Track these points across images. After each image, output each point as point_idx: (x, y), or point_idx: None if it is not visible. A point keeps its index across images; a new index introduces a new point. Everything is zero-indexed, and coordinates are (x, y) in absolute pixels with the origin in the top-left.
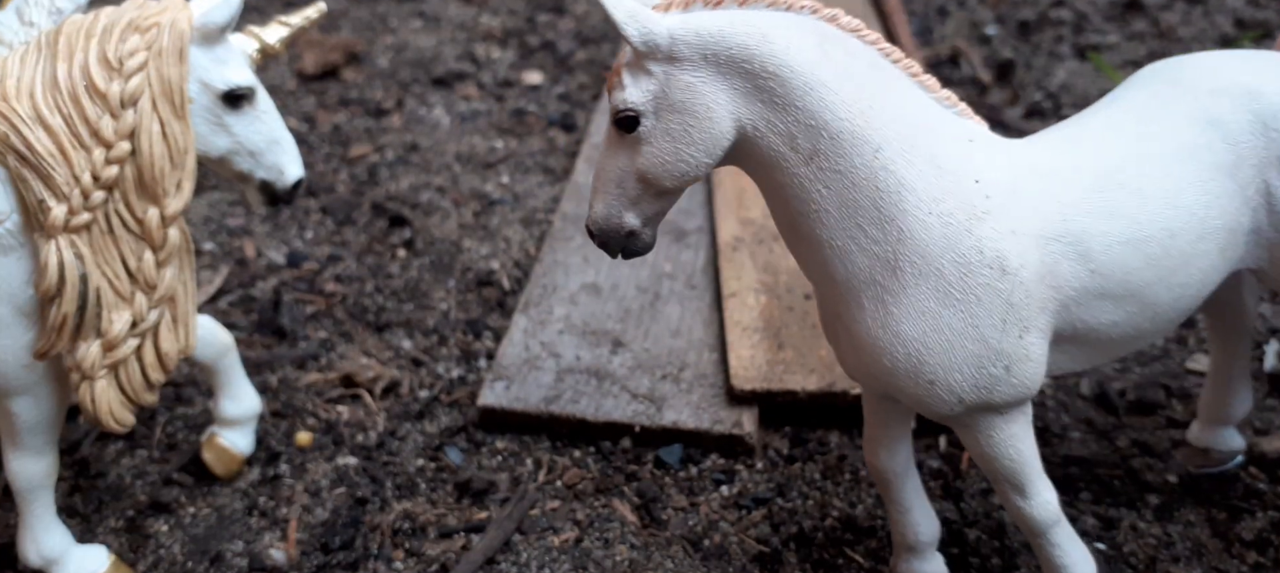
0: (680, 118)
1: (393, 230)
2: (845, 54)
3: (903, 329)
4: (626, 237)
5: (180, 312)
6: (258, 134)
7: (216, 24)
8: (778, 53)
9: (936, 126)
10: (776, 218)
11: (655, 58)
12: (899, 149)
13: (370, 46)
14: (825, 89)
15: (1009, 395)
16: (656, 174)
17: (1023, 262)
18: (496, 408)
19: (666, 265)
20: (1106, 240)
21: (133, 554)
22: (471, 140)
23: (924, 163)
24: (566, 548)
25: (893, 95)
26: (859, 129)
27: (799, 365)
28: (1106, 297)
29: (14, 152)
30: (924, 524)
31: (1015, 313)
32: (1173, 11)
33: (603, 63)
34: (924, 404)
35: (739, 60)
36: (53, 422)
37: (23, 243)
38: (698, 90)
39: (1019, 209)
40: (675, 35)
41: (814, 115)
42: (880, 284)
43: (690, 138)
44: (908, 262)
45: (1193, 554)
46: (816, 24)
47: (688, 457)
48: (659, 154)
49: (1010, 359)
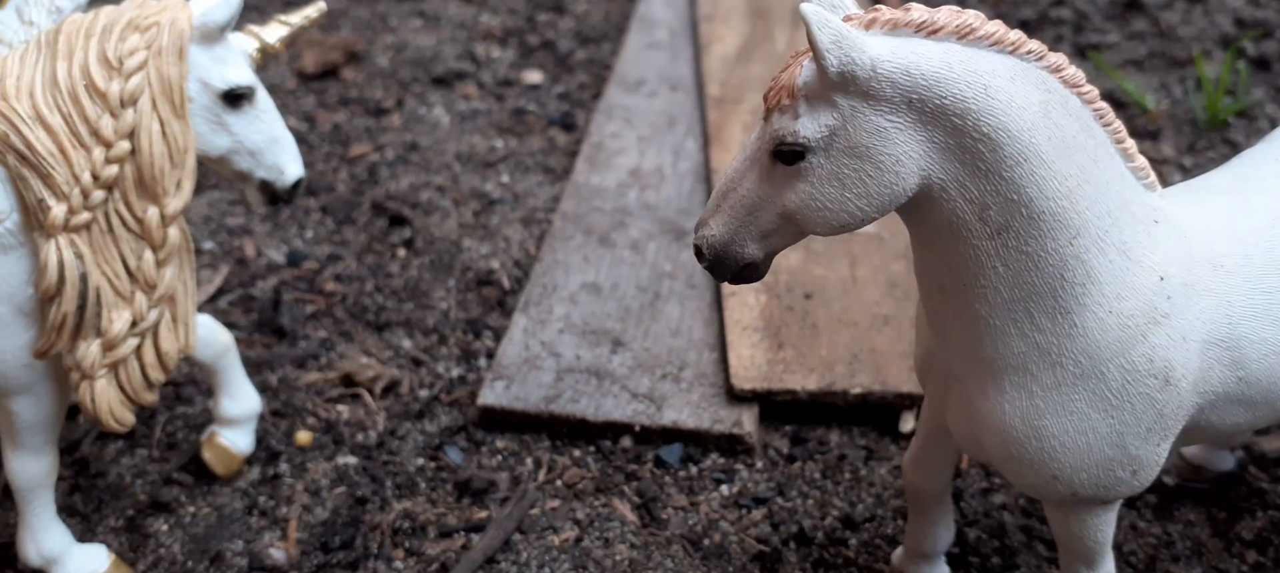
0: (858, 164)
1: (393, 230)
2: (1066, 117)
3: (1044, 425)
4: (743, 267)
5: (180, 311)
6: (257, 133)
7: (216, 23)
8: (998, 111)
9: (1132, 208)
10: (924, 274)
11: (847, 90)
12: (1096, 236)
13: (370, 46)
14: (1039, 162)
15: (1123, 495)
16: (808, 218)
17: (1186, 372)
18: (496, 407)
19: (666, 265)
20: (1264, 348)
21: (133, 554)
22: (471, 140)
23: (1115, 252)
24: (566, 547)
25: (1100, 171)
26: (1063, 211)
27: (799, 365)
28: (1243, 402)
29: (14, 151)
30: (944, 538)
31: (1163, 423)
32: (1173, 11)
33: (603, 62)
34: (1035, 490)
35: (950, 113)
36: (53, 421)
37: (22, 242)
38: (888, 137)
39: (1192, 312)
40: (879, 69)
41: (1019, 190)
42: (1032, 374)
43: (864, 188)
44: (1071, 359)
45: (1193, 554)
46: (1042, 76)
47: (688, 456)
48: (820, 198)
49: (1140, 465)
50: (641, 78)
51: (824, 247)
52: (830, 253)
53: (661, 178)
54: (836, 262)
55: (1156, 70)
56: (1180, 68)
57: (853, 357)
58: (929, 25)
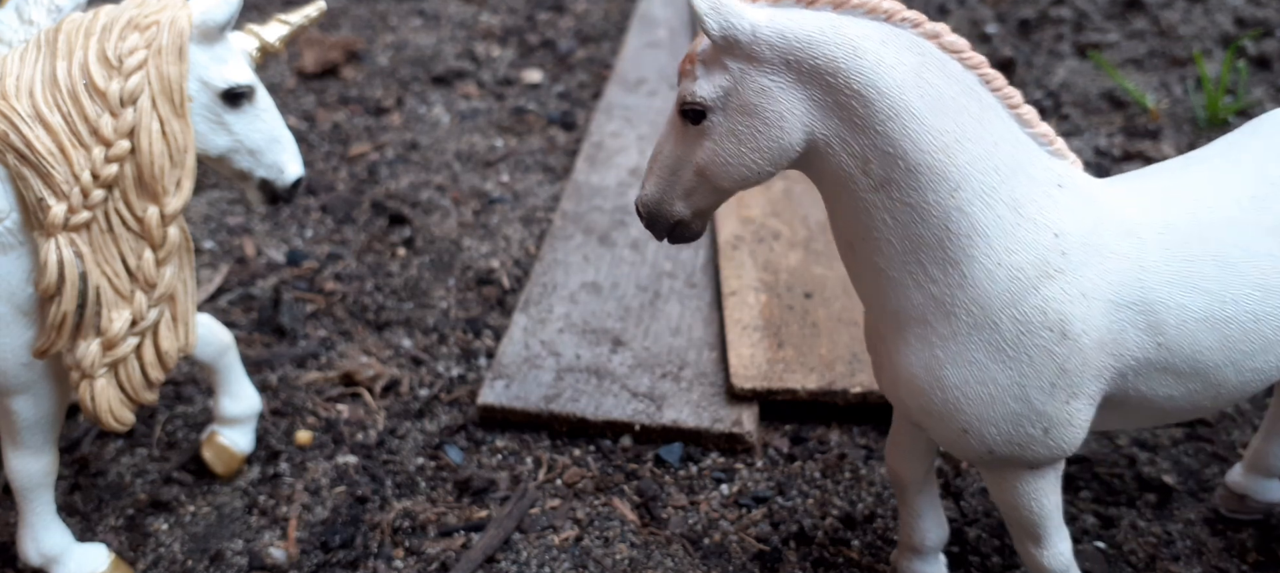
0: (749, 121)
1: (392, 229)
2: (942, 79)
3: (945, 374)
4: (674, 225)
5: (180, 310)
6: (257, 132)
7: (216, 22)
8: (866, 70)
9: (1026, 168)
10: (836, 231)
11: (733, 54)
12: (979, 190)
13: (370, 45)
14: (911, 118)
15: (1042, 456)
16: (715, 173)
17: (1086, 328)
18: (496, 407)
19: (666, 264)
20: (1182, 315)
21: (133, 553)
22: (471, 139)
23: (1004, 208)
24: (566, 547)
25: (985, 130)
26: (940, 165)
27: (799, 364)
28: (1170, 371)
29: (13, 150)
30: (934, 532)
31: (1066, 378)
32: (1173, 10)
33: (603, 61)
34: (952, 447)
35: (823, 72)
36: (52, 420)
37: (22, 241)
38: (772, 95)
39: (1094, 270)
40: (759, 33)
41: (894, 143)
42: (930, 324)
43: (756, 143)
44: (964, 309)
45: (1193, 553)
46: (916, 41)
47: (688, 455)
48: (721, 153)
49: (1051, 422)
50: (641, 77)
51: (824, 246)
52: (830, 253)
53: None
54: (836, 261)
55: (1157, 69)
56: (1180, 67)
57: (853, 356)
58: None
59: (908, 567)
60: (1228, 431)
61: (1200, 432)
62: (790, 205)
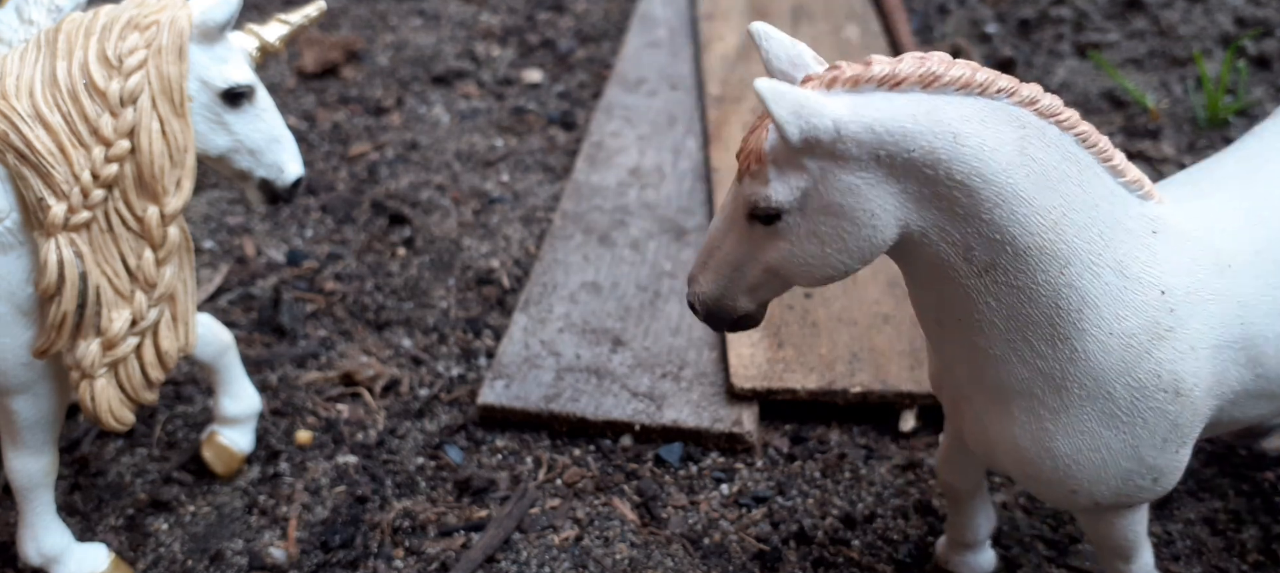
0: (834, 221)
1: (392, 229)
2: (1044, 150)
3: (1056, 445)
4: (737, 319)
5: (180, 310)
6: (257, 132)
7: (216, 22)
8: (969, 158)
9: (1124, 223)
10: (920, 308)
11: (814, 154)
12: (1087, 262)
13: (370, 45)
14: (1019, 202)
15: (1148, 500)
16: (792, 273)
17: (1197, 381)
18: (496, 406)
19: (666, 264)
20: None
21: (133, 552)
22: (471, 138)
23: (1110, 274)
24: (566, 546)
25: (1087, 194)
26: (1049, 244)
27: (799, 364)
28: (1263, 397)
29: (13, 149)
30: (985, 525)
31: (1178, 432)
32: (1173, 10)
33: (603, 61)
34: (1056, 503)
35: (920, 165)
36: (52, 420)
37: (22, 241)
38: (861, 194)
39: (1199, 320)
40: (844, 131)
41: (1001, 230)
42: (1038, 398)
43: (843, 244)
44: (1076, 384)
45: (1193, 553)
46: (1016, 114)
47: (688, 455)
48: (799, 255)
49: (1160, 473)
50: (641, 77)
51: None
52: None
53: (662, 177)
54: None
55: (1157, 69)
56: (1181, 66)
57: (853, 356)
58: (892, 78)
59: (959, 561)
60: None
61: None
62: None
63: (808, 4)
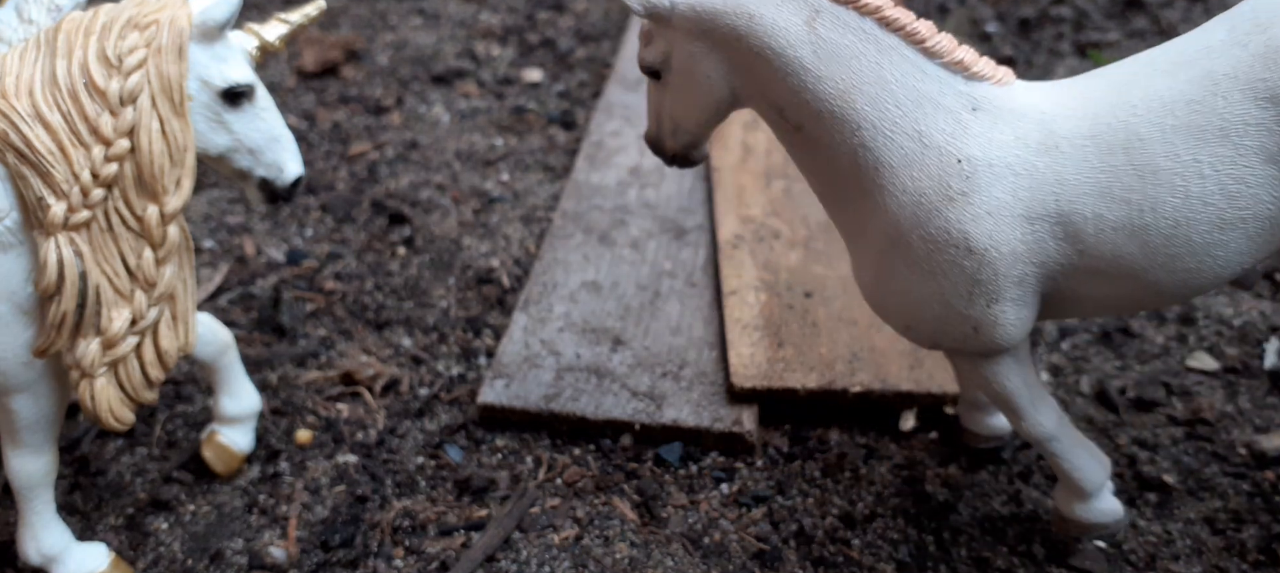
0: (687, 80)
1: (392, 228)
2: (838, 30)
3: (878, 283)
4: (671, 156)
5: (180, 309)
6: (257, 132)
7: (216, 21)
8: (760, 34)
9: (933, 97)
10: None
11: (662, 27)
12: (881, 128)
13: (370, 44)
14: (805, 73)
15: (980, 350)
16: (678, 119)
17: (993, 242)
18: (496, 406)
19: (666, 263)
20: (1099, 225)
21: (133, 552)
22: (471, 138)
23: (907, 139)
24: (566, 546)
25: (885, 71)
26: (838, 110)
27: (799, 363)
28: (1098, 275)
29: (13, 149)
30: None
31: (982, 287)
32: (1173, 9)
33: (603, 60)
34: (908, 337)
35: (728, 39)
36: (52, 419)
37: (22, 240)
38: (697, 59)
39: (1003, 188)
40: (676, 9)
41: (795, 95)
42: (861, 242)
43: (696, 99)
44: (880, 233)
45: (1193, 552)
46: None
47: (688, 455)
48: (676, 104)
49: (977, 324)
50: (641, 76)
51: (824, 246)
52: (830, 252)
53: (661, 176)
54: (837, 260)
55: None
56: None
57: (853, 355)
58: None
59: (965, 415)
60: (1227, 430)
61: (1200, 432)
62: (790, 205)
63: None
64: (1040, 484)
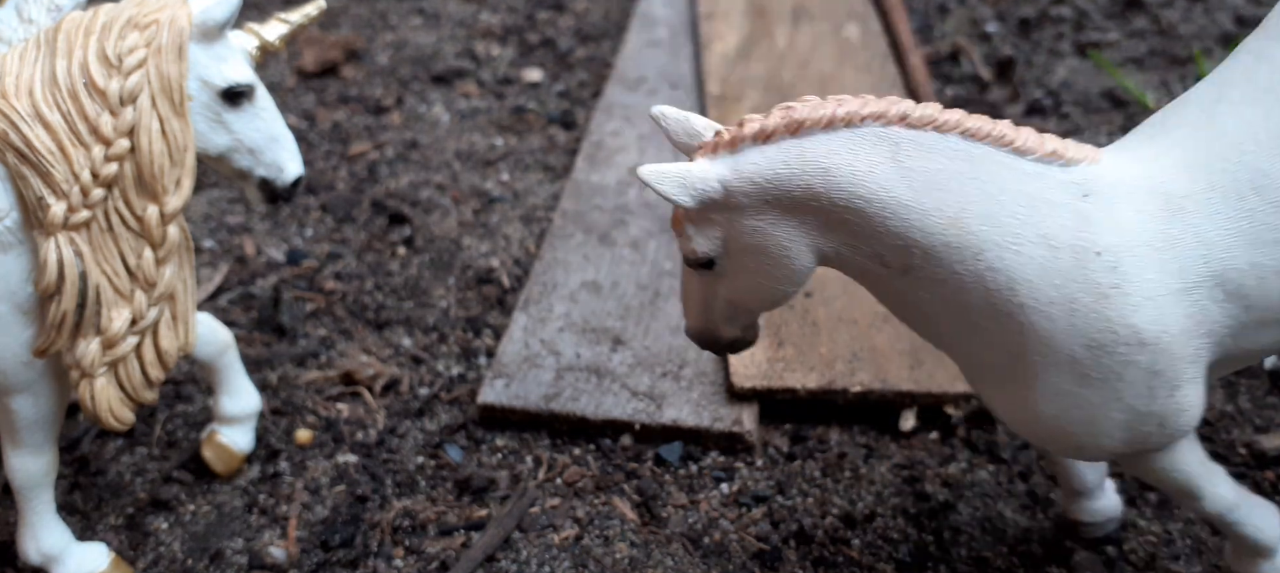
0: (756, 258)
1: (392, 228)
2: (923, 157)
3: (1043, 410)
4: (728, 345)
5: (180, 309)
6: (257, 131)
7: (216, 21)
8: (844, 185)
9: (1044, 196)
10: (892, 308)
11: (717, 209)
12: (1004, 243)
13: (370, 44)
14: (906, 210)
15: (1165, 442)
16: (743, 304)
17: (1163, 327)
18: (496, 406)
19: (667, 263)
20: (1260, 273)
21: (133, 552)
22: (471, 138)
23: (1035, 247)
24: (566, 546)
25: (987, 184)
26: (953, 239)
27: (799, 363)
28: (1269, 325)
29: (13, 149)
30: (1089, 472)
31: (1161, 378)
32: (1173, 9)
33: (603, 60)
34: (1075, 458)
35: (805, 201)
36: (52, 419)
37: (22, 240)
38: (768, 233)
39: (1151, 270)
40: (730, 188)
41: (900, 237)
42: (1009, 373)
43: (769, 274)
44: (1035, 353)
45: (1193, 552)
46: (884, 133)
47: (688, 454)
48: (743, 287)
49: (1162, 418)
50: (642, 76)
51: None
52: None
53: None
54: None
55: (1157, 68)
56: (1181, 66)
57: (853, 355)
58: (762, 132)
59: (1078, 508)
60: (1227, 430)
61: (1200, 431)
62: None
63: (808, 4)
64: (1040, 484)
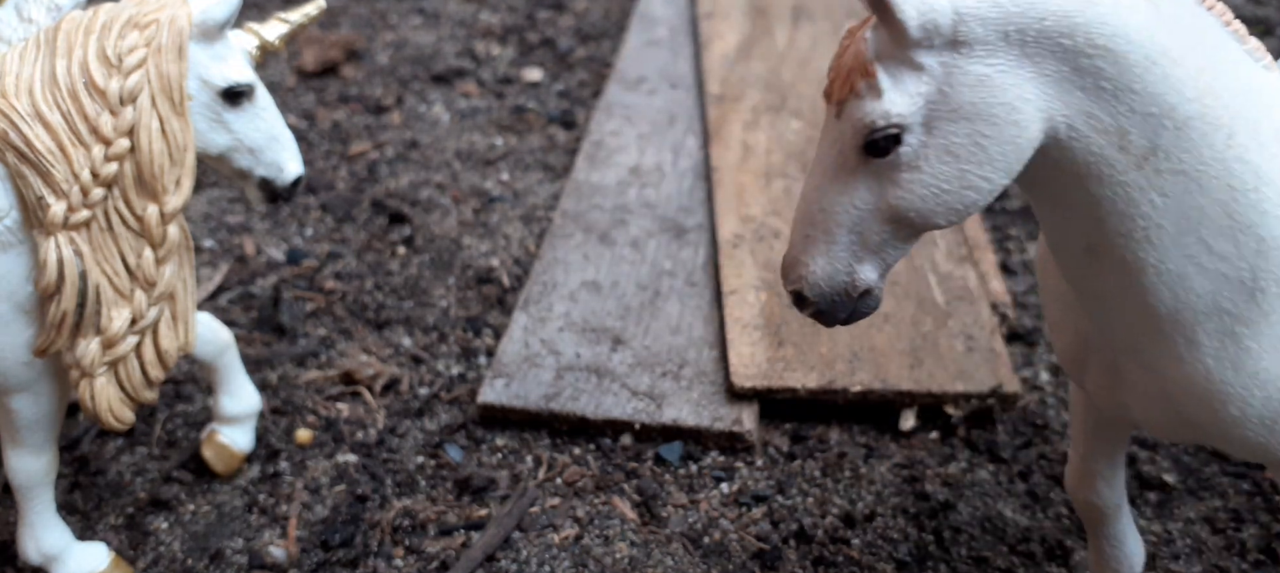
0: (968, 127)
1: (392, 227)
2: (1174, 5)
3: (1263, 366)
4: (860, 298)
5: (180, 309)
6: (257, 131)
7: (216, 21)
8: (1108, 17)
9: (1265, 93)
10: (1061, 240)
11: (932, 45)
12: (1251, 130)
13: (370, 43)
14: (1169, 61)
15: None
16: (926, 209)
17: None
18: (496, 405)
19: (666, 263)
20: None
21: (132, 551)
22: (471, 137)
23: (1275, 143)
24: (566, 545)
25: (1226, 56)
26: (1209, 110)
27: (799, 363)
28: None
29: (13, 148)
30: (1136, 554)
31: None
32: None
33: (603, 60)
34: (1272, 454)
35: (1056, 35)
36: (52, 419)
37: (22, 240)
38: (995, 86)
39: None
40: (962, 9)
41: (1156, 99)
42: (1230, 313)
43: (982, 152)
44: (1272, 279)
45: (1193, 551)
46: None
47: (688, 454)
48: (931, 182)
49: None
50: (642, 75)
51: None
52: None
53: (662, 176)
54: None
55: None
56: None
57: (853, 354)
58: None
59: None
60: None
61: None
62: (790, 204)
63: (808, 4)
64: (1040, 484)
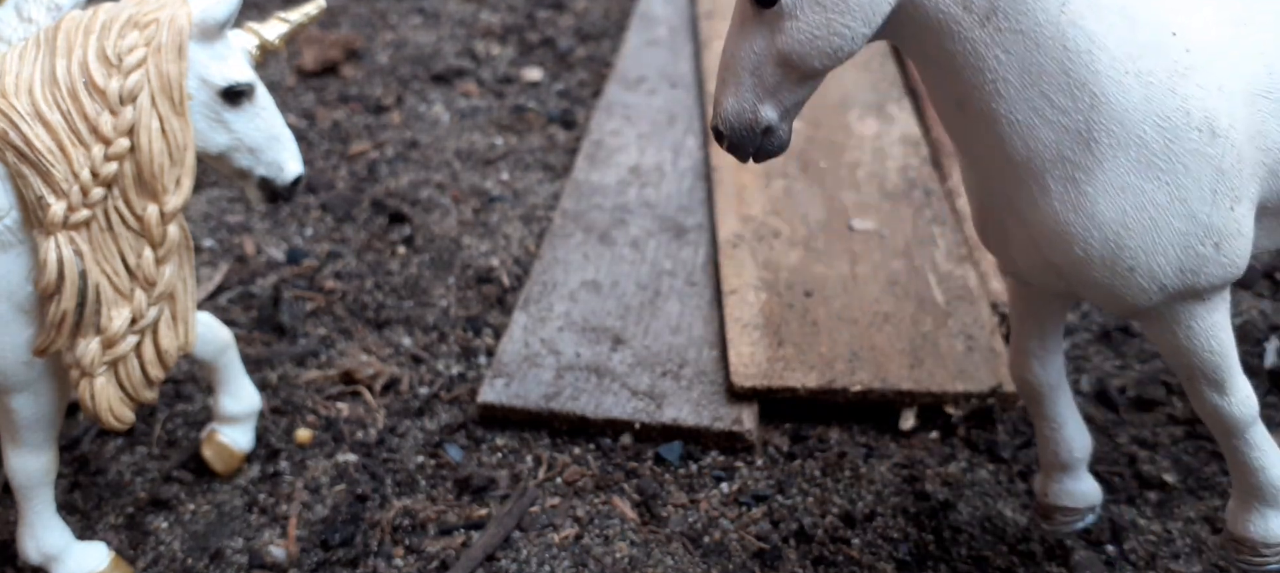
0: None
1: (392, 227)
2: None
3: (1098, 209)
4: (762, 134)
5: (180, 309)
6: (257, 131)
7: (216, 20)
8: None
9: None
10: (938, 96)
11: None
12: (1087, 1)
13: (370, 43)
14: None
15: (1216, 278)
16: (803, 53)
17: (1232, 121)
18: (496, 405)
19: (666, 263)
20: None
21: (132, 551)
22: (471, 137)
23: (1115, 16)
24: (566, 545)
25: None
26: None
27: (799, 362)
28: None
29: (13, 148)
30: (1078, 438)
31: (1226, 181)
32: None
33: (603, 60)
34: (1117, 296)
35: None
36: (52, 418)
37: (22, 240)
38: None
39: (1222, 63)
40: None
41: None
42: (1070, 160)
43: (845, 4)
44: (1103, 130)
45: (1193, 551)
46: None
47: (687, 454)
48: (806, 28)
49: (1221, 235)
50: (641, 75)
51: (824, 245)
52: (831, 251)
53: (661, 175)
54: (837, 259)
55: None
56: None
57: (853, 354)
58: None
59: (1057, 489)
60: None
61: (1200, 430)
62: (790, 204)
63: None
64: None
